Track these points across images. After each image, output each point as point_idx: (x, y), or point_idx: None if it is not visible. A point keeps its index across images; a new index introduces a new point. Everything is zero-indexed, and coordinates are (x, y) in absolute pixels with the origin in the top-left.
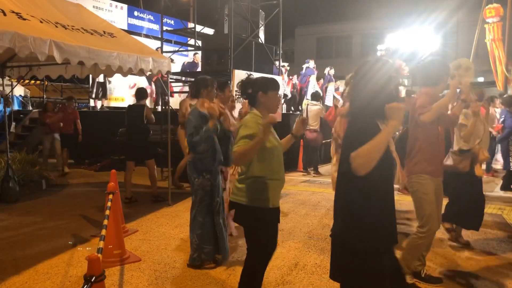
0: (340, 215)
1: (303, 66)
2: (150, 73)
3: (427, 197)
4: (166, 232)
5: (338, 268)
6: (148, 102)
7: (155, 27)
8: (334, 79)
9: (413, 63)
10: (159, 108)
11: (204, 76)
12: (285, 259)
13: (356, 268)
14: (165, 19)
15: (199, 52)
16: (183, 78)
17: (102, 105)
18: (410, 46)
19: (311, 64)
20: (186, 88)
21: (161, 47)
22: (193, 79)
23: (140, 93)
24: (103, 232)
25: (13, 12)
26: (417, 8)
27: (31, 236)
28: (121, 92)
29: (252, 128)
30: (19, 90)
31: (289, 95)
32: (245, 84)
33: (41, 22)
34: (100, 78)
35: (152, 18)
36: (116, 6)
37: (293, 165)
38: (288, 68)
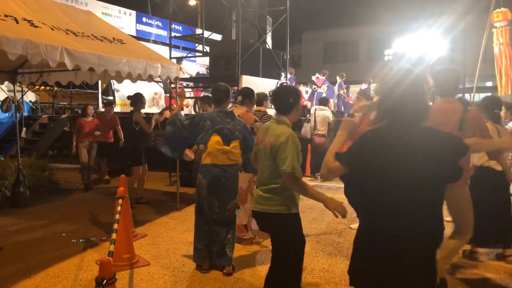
0: (430, 221)
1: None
2: (159, 79)
3: (470, 209)
4: (174, 236)
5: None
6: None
7: (163, 33)
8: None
9: (421, 68)
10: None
11: (224, 84)
12: None
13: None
14: (173, 25)
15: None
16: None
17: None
18: (417, 50)
19: (321, 76)
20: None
21: (170, 53)
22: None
23: (132, 99)
24: (114, 236)
25: (25, 19)
26: (425, 12)
27: (41, 240)
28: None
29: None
30: (29, 96)
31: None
32: (287, 93)
33: (52, 29)
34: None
35: (160, 24)
36: (125, 12)
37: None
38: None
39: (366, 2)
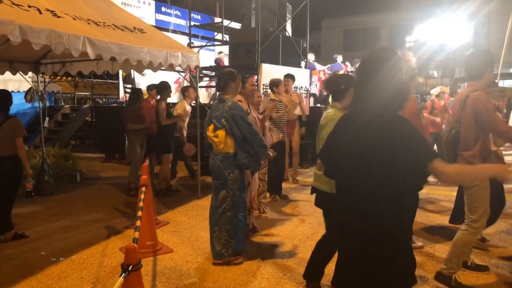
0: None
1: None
2: (179, 67)
3: (485, 193)
4: (196, 224)
5: None
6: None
7: (182, 22)
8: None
9: (442, 55)
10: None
11: (229, 69)
12: None
13: None
14: (192, 14)
15: (223, 52)
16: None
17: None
18: (439, 37)
19: (339, 59)
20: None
21: (189, 42)
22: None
23: (159, 88)
24: (138, 223)
25: (48, 10)
26: None
27: (66, 227)
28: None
29: None
30: (51, 86)
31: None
32: (339, 80)
33: (74, 19)
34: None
35: (179, 13)
36: (144, 2)
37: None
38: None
39: None
